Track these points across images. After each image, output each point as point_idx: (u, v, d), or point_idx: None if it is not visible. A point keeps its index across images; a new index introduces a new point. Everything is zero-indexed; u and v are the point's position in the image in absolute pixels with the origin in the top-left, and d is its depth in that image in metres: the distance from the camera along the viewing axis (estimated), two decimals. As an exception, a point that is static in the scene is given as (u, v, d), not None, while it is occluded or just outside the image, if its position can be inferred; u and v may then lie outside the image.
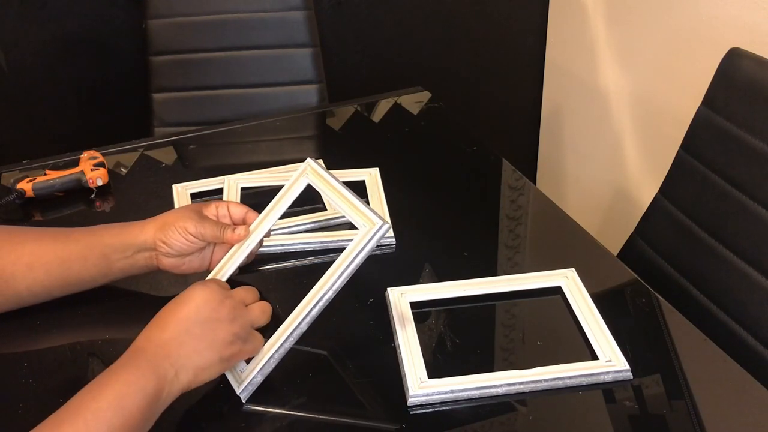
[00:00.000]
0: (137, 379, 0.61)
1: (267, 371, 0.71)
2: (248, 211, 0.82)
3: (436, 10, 1.80)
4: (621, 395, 0.71)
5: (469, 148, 1.16)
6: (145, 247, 0.78)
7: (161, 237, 0.78)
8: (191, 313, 0.66)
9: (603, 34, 1.69)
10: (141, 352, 0.64)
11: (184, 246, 0.78)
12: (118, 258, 0.78)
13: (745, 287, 0.93)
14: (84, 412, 0.58)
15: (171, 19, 1.45)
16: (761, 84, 0.93)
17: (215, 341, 0.66)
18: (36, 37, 1.52)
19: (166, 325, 0.65)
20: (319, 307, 0.71)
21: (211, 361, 0.66)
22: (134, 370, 0.62)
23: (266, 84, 1.50)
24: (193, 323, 0.66)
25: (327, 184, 0.80)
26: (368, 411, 0.71)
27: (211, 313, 0.67)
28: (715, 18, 1.35)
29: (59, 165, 1.09)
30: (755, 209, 0.92)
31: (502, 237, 0.95)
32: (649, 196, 1.11)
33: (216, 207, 0.82)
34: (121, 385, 0.60)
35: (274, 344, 0.71)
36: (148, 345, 0.64)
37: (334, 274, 0.72)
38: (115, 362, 0.63)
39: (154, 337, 0.65)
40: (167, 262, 0.79)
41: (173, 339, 0.64)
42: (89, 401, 0.59)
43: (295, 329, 0.71)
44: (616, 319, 0.79)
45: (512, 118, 2.07)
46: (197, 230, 0.77)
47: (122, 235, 0.78)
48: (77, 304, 0.80)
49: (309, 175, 0.81)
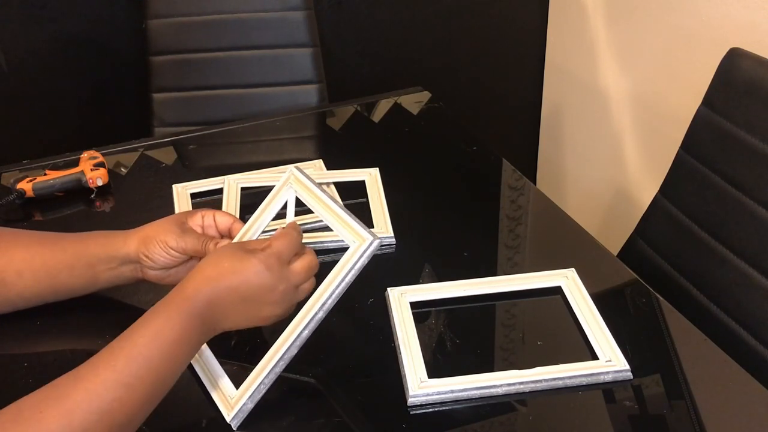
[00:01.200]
0: (185, 330, 0.63)
1: (257, 398, 0.69)
2: (234, 221, 0.79)
3: (436, 10, 1.80)
4: (621, 395, 0.71)
5: (469, 148, 1.16)
6: (129, 260, 0.77)
7: (143, 251, 0.76)
8: (246, 290, 0.67)
9: (603, 34, 1.69)
10: (189, 304, 0.65)
11: (166, 260, 0.76)
12: (103, 269, 0.77)
13: (745, 287, 0.93)
14: (136, 356, 0.61)
15: (171, 19, 1.45)
16: (761, 84, 0.93)
17: (257, 317, 0.69)
18: (36, 37, 1.52)
19: (218, 286, 0.66)
20: (309, 329, 0.70)
21: (247, 324, 0.70)
22: (184, 322, 0.64)
23: (266, 84, 1.50)
24: (244, 299, 0.67)
25: (312, 194, 0.76)
26: (368, 411, 0.71)
27: (263, 296, 0.68)
28: (715, 18, 1.35)
29: (59, 165, 1.09)
30: (755, 209, 0.92)
31: (502, 237, 0.95)
32: (649, 196, 1.11)
33: (202, 216, 0.79)
34: (171, 333, 0.63)
35: (262, 370, 0.69)
36: (198, 297, 0.65)
37: (324, 294, 0.70)
38: (161, 305, 0.65)
39: (203, 292, 0.65)
40: (152, 275, 0.78)
41: (221, 304, 0.66)
42: (140, 345, 0.61)
43: (285, 353, 0.69)
44: (616, 319, 0.79)
45: (512, 118, 2.07)
46: (178, 245, 0.75)
47: (107, 246, 0.77)
48: (77, 304, 0.80)
49: (293, 184, 0.78)
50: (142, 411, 0.61)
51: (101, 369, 0.59)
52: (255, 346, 0.77)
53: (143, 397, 0.60)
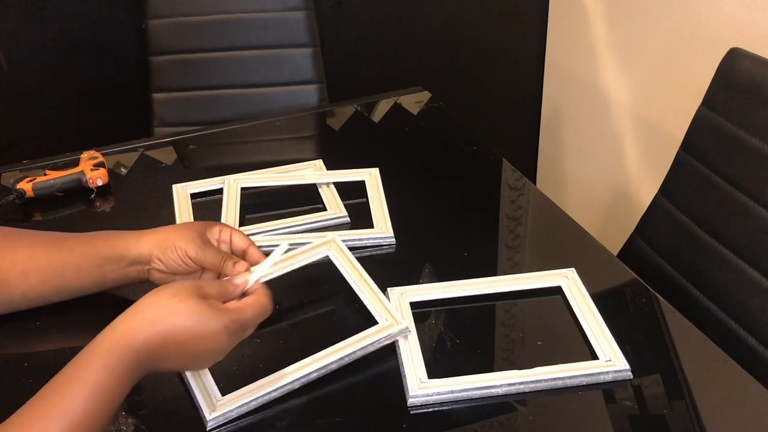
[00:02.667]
0: (122, 383, 0.59)
1: (242, 411, 0.69)
2: (250, 245, 0.78)
3: (436, 10, 1.80)
4: (621, 395, 0.71)
5: (469, 148, 1.16)
6: (140, 261, 0.77)
7: (158, 254, 0.75)
8: (194, 345, 0.62)
9: (603, 34, 1.69)
10: (133, 355, 0.60)
11: (179, 267, 0.76)
12: (111, 269, 0.77)
13: (745, 287, 0.93)
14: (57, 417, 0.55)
15: (171, 19, 1.45)
16: (761, 84, 0.93)
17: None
18: (36, 37, 1.52)
19: (163, 336, 0.61)
20: (302, 381, 0.71)
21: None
22: (123, 375, 0.59)
23: (266, 84, 1.50)
24: (188, 354, 0.63)
25: (351, 265, 0.82)
26: (368, 411, 0.71)
27: (212, 353, 0.65)
28: (715, 18, 1.35)
29: (59, 165, 1.09)
30: (755, 209, 0.92)
31: (502, 237, 0.95)
32: (649, 196, 1.11)
33: (219, 231, 0.78)
34: (107, 392, 0.58)
35: (253, 392, 0.69)
36: (141, 350, 0.60)
37: (344, 351, 0.72)
38: (87, 354, 0.59)
39: (145, 336, 0.61)
40: (157, 277, 0.77)
41: (162, 353, 0.62)
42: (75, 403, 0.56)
43: (277, 389, 0.70)
44: (616, 319, 0.79)
45: (512, 118, 2.07)
46: (197, 256, 0.74)
47: (116, 246, 0.77)
48: (77, 303, 0.80)
49: (332, 249, 0.82)
50: None
51: (35, 424, 0.55)
52: (254, 350, 0.77)
53: None
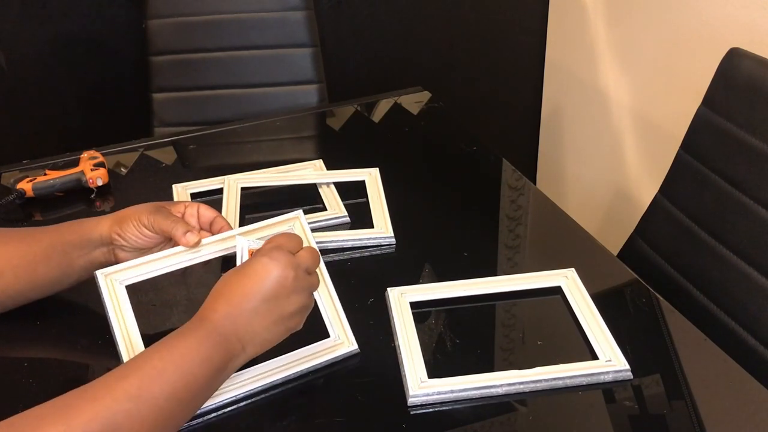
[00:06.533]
0: (205, 349, 0.62)
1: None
2: (217, 216, 0.79)
3: (436, 10, 1.80)
4: (621, 395, 0.71)
5: (469, 148, 1.16)
6: (102, 242, 0.77)
7: (117, 230, 0.76)
8: (259, 289, 0.65)
9: (603, 34, 1.69)
10: (208, 323, 0.64)
11: (139, 240, 0.76)
12: (78, 255, 0.77)
13: (745, 287, 0.93)
14: (149, 370, 0.59)
15: (171, 19, 1.45)
16: (761, 84, 0.93)
17: (283, 316, 0.67)
18: (36, 37, 1.52)
19: (232, 298, 0.65)
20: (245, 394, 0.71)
21: (278, 334, 0.68)
22: (203, 340, 0.62)
23: (266, 84, 1.50)
24: (261, 300, 0.65)
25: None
26: (368, 411, 0.71)
27: (279, 289, 0.66)
28: (715, 18, 1.35)
29: (59, 165, 1.09)
30: (755, 209, 0.92)
31: (502, 237, 0.95)
32: (649, 196, 1.11)
33: (185, 206, 0.80)
34: (187, 351, 0.61)
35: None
36: (215, 316, 0.64)
37: (276, 370, 0.72)
38: (179, 329, 0.63)
39: (220, 309, 0.65)
40: (123, 256, 0.77)
41: (241, 315, 0.65)
42: (155, 360, 0.60)
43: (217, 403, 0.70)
44: (616, 319, 0.79)
45: (512, 118, 2.07)
46: (149, 221, 0.75)
47: (80, 231, 0.77)
48: (77, 303, 0.80)
49: (296, 227, 0.80)
50: (155, 430, 0.58)
51: (111, 380, 0.58)
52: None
53: (154, 414, 0.58)
